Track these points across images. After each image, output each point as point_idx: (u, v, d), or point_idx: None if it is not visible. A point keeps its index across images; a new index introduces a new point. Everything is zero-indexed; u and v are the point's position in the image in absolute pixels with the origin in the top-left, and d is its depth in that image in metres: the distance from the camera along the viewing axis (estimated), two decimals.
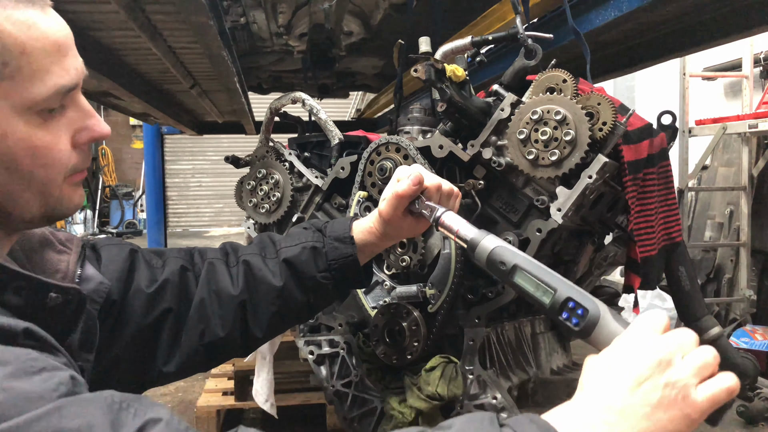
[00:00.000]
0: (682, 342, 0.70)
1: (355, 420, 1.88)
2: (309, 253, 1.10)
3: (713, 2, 2.21)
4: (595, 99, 1.56)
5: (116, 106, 3.86)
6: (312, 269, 1.10)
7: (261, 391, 2.40)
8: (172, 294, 1.04)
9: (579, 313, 0.77)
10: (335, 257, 1.10)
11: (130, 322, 0.99)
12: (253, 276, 1.09)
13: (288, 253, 1.10)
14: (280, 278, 1.09)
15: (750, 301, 4.50)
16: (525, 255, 0.86)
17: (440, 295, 1.73)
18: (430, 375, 1.70)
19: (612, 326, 0.76)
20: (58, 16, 0.77)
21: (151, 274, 1.04)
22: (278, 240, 1.15)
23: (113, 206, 12.88)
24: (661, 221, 1.84)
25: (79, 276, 0.88)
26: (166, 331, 1.03)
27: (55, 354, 0.67)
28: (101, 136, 0.81)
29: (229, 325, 1.06)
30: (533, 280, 0.83)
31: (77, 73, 0.77)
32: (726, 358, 2.01)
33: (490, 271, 0.89)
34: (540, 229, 1.58)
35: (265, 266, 1.09)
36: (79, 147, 0.79)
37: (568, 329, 0.79)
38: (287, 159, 2.17)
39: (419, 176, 1.05)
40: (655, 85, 6.37)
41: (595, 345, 0.78)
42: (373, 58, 4.04)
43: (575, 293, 0.79)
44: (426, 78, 1.62)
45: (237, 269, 1.09)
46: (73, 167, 0.79)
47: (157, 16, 2.00)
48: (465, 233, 0.94)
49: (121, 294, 0.99)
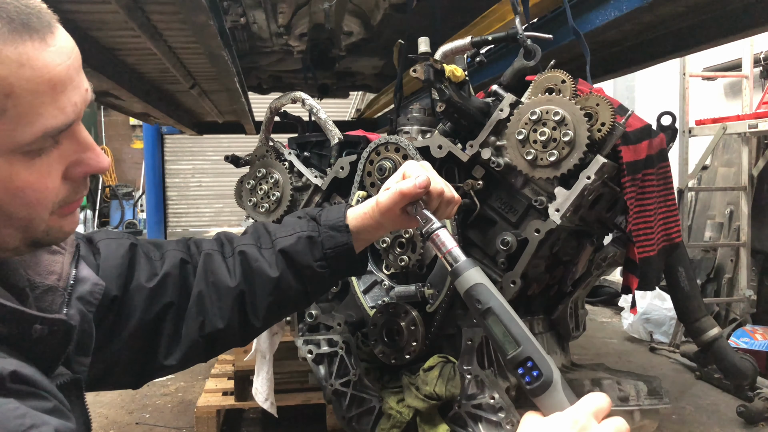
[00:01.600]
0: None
1: (353, 419, 1.88)
2: (304, 242, 1.09)
3: (713, 2, 2.21)
4: (593, 100, 1.56)
5: (116, 106, 3.86)
6: (308, 259, 1.09)
7: (261, 390, 2.40)
8: (173, 288, 1.04)
9: (534, 375, 0.81)
10: (331, 246, 1.09)
11: (131, 317, 0.99)
12: (250, 267, 1.08)
13: (283, 243, 1.10)
14: (277, 269, 1.08)
15: (750, 301, 4.50)
16: (502, 300, 0.88)
17: (439, 295, 1.73)
18: (428, 374, 1.70)
19: (559, 397, 0.79)
20: (64, 41, 0.70)
21: (151, 267, 1.03)
22: (273, 230, 1.14)
23: (113, 206, 12.88)
24: (661, 222, 1.84)
25: (74, 277, 0.86)
26: (167, 324, 1.03)
27: (42, 398, 0.65)
28: (97, 170, 0.76)
29: (228, 317, 1.06)
30: (502, 328, 0.85)
31: (75, 109, 0.70)
32: (725, 359, 2.01)
33: (465, 302, 0.92)
34: (538, 230, 1.59)
35: (261, 257, 1.09)
36: (72, 180, 0.74)
37: (521, 384, 0.83)
38: (287, 158, 2.17)
39: (426, 181, 1.04)
40: (655, 85, 6.36)
41: (539, 407, 0.81)
42: (373, 58, 4.04)
43: (537, 355, 0.82)
44: (425, 78, 1.62)
45: (233, 260, 1.09)
46: (63, 201, 0.74)
47: (157, 16, 2.00)
48: (454, 257, 0.95)
49: (121, 289, 0.98)
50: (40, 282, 0.82)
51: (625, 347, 4.75)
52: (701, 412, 3.44)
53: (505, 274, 1.66)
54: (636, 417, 1.88)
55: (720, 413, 3.45)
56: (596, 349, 4.66)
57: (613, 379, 1.90)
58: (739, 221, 4.62)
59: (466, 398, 1.70)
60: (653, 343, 4.71)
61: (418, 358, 1.76)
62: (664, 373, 4.07)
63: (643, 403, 1.88)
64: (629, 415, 1.88)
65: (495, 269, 1.71)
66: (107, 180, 13.18)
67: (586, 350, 4.54)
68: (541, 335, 2.02)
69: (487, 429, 1.68)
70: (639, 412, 1.88)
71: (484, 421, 1.68)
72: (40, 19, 0.67)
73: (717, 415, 3.43)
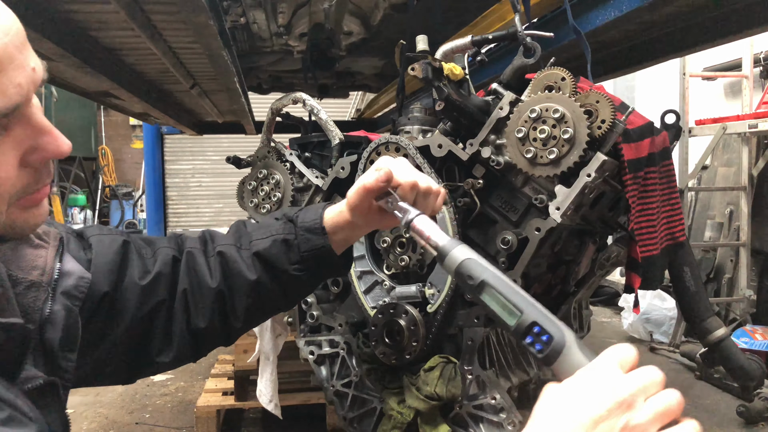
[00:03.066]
0: (647, 383, 0.65)
1: (354, 420, 1.88)
2: (280, 246, 1.07)
3: (713, 2, 2.21)
4: (593, 97, 1.56)
5: (116, 106, 3.86)
6: (284, 263, 1.06)
7: (265, 392, 2.40)
8: (165, 286, 1.02)
9: (543, 339, 0.74)
10: (307, 249, 1.06)
11: (124, 314, 0.97)
12: (229, 268, 1.06)
13: (259, 246, 1.07)
14: (254, 271, 1.06)
15: (750, 301, 4.49)
16: (495, 271, 0.82)
17: (439, 295, 1.73)
18: (428, 375, 1.69)
19: (577, 357, 0.73)
20: (5, 15, 0.63)
21: (143, 265, 1.02)
22: (251, 230, 1.12)
23: (113, 206, 12.88)
24: (664, 221, 1.84)
25: (58, 271, 0.83)
26: (159, 322, 1.02)
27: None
28: (56, 155, 0.70)
29: (209, 316, 1.04)
30: (500, 299, 0.79)
31: (19, 90, 0.63)
32: (731, 360, 2.00)
33: (458, 282, 0.86)
34: (539, 228, 1.58)
35: (240, 258, 1.07)
36: (31, 168, 0.69)
37: (532, 354, 0.76)
38: (288, 159, 2.17)
39: (388, 172, 0.98)
40: (655, 85, 6.36)
41: (557, 374, 0.74)
42: (373, 58, 4.04)
43: (542, 318, 0.76)
44: (423, 76, 1.62)
45: (214, 260, 1.07)
46: (23, 191, 0.69)
47: (157, 16, 2.00)
48: (435, 240, 0.89)
49: (113, 286, 0.96)
50: (22, 278, 0.79)
51: None
52: (701, 412, 3.43)
53: (505, 273, 1.65)
54: None
55: (720, 413, 3.45)
56: (596, 349, 4.65)
57: None
58: (739, 221, 4.62)
59: (468, 399, 1.70)
60: (653, 343, 4.70)
61: (419, 359, 1.75)
62: (664, 373, 4.07)
63: None
64: None
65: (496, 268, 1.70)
66: (107, 180, 13.19)
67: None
68: None
69: (488, 429, 1.67)
70: None
71: (485, 422, 1.68)
72: None
73: (717, 415, 3.43)
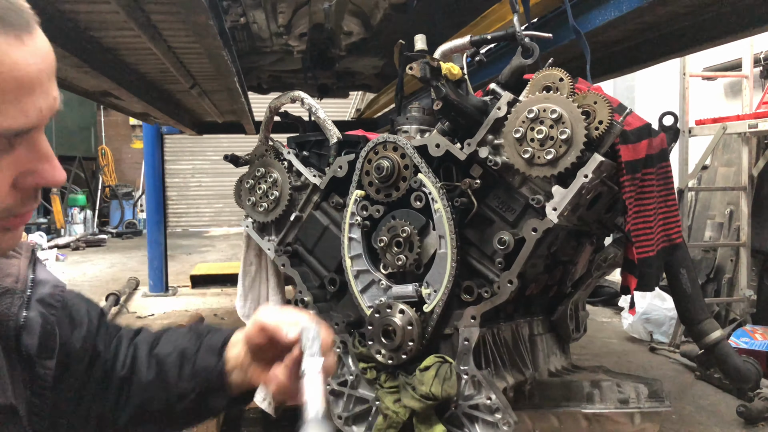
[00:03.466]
0: None
1: (350, 419, 1.88)
2: (176, 357, 1.02)
3: (713, 2, 2.20)
4: (591, 98, 1.56)
5: (116, 106, 3.86)
6: (174, 376, 1.01)
7: (259, 390, 2.40)
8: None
9: None
10: (201, 367, 1.01)
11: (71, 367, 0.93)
12: (135, 361, 1.03)
13: (161, 350, 1.04)
14: (150, 373, 1.02)
15: (750, 301, 4.49)
16: None
17: (436, 295, 1.73)
18: (424, 375, 1.69)
19: None
20: (41, 43, 0.66)
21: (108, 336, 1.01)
22: (172, 336, 1.07)
23: (113, 206, 12.89)
24: (661, 222, 1.84)
25: (32, 280, 0.84)
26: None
27: None
28: (50, 183, 0.70)
29: (112, 400, 1.01)
30: None
31: (39, 114, 0.66)
32: (727, 362, 2.00)
33: None
34: (536, 229, 1.58)
35: (147, 357, 1.03)
36: (22, 190, 0.69)
37: None
38: (286, 158, 2.17)
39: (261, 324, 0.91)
40: (655, 85, 6.36)
41: None
42: (373, 58, 4.04)
43: None
44: (420, 75, 1.62)
45: (131, 348, 1.04)
46: (7, 211, 0.69)
47: (157, 16, 2.00)
48: (308, 408, 0.80)
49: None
50: None
51: (625, 347, 4.75)
52: (701, 412, 3.43)
53: (502, 273, 1.65)
54: (636, 419, 1.87)
55: (720, 413, 3.44)
56: (596, 349, 4.65)
57: (612, 381, 1.90)
58: (739, 221, 4.61)
59: (463, 399, 1.70)
60: (653, 343, 4.70)
61: (415, 358, 1.75)
62: (664, 373, 4.07)
63: (644, 405, 1.87)
64: (629, 417, 1.87)
65: (492, 268, 1.71)
66: (107, 180, 13.20)
67: (586, 350, 4.53)
68: (540, 336, 2.01)
69: (483, 429, 1.67)
70: (639, 414, 1.87)
71: (480, 422, 1.68)
72: (19, 17, 0.64)
73: (717, 415, 3.42)
